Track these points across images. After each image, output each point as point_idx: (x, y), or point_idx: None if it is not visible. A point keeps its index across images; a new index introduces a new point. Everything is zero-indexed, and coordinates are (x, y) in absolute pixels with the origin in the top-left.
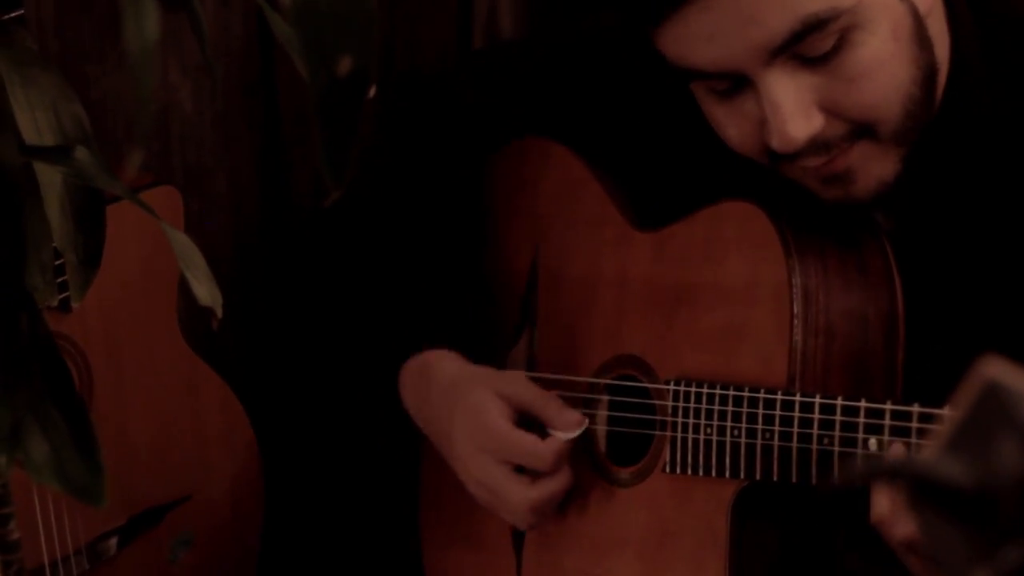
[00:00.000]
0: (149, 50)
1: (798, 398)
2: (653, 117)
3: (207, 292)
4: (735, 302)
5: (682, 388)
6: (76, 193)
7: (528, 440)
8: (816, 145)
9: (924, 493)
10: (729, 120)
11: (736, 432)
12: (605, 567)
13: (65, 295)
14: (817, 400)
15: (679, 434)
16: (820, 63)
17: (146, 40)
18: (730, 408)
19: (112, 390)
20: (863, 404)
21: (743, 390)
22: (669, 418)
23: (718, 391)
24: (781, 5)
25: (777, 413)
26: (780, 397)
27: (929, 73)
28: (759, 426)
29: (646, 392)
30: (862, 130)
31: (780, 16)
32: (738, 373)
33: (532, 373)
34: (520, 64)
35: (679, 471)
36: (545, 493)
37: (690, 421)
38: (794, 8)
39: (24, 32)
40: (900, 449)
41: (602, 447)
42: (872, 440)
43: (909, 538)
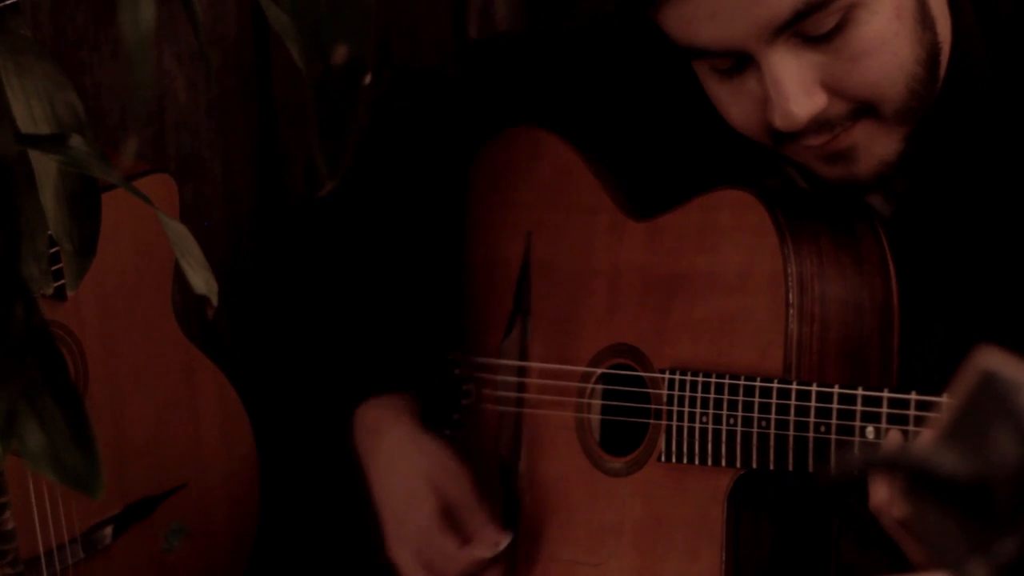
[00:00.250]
0: (144, 39)
1: (794, 386)
2: (647, 106)
3: (202, 281)
4: (730, 290)
5: (677, 377)
6: (71, 181)
7: (446, 545)
8: (819, 124)
9: (920, 484)
10: (732, 99)
11: (732, 421)
12: (600, 557)
13: (60, 283)
14: (814, 388)
15: (674, 423)
16: (823, 41)
17: (141, 29)
18: (725, 397)
19: (107, 379)
20: (860, 392)
21: (738, 379)
22: (664, 407)
23: (713, 380)
24: None
25: (773, 401)
26: (776, 385)
27: (932, 52)
28: (755, 415)
29: (641, 381)
30: (865, 109)
31: None
32: (733, 362)
33: (525, 363)
34: (515, 56)
35: (674, 460)
36: None
37: (685, 410)
38: None
39: (19, 20)
40: (897, 437)
41: (596, 437)
42: (869, 428)
43: (906, 519)
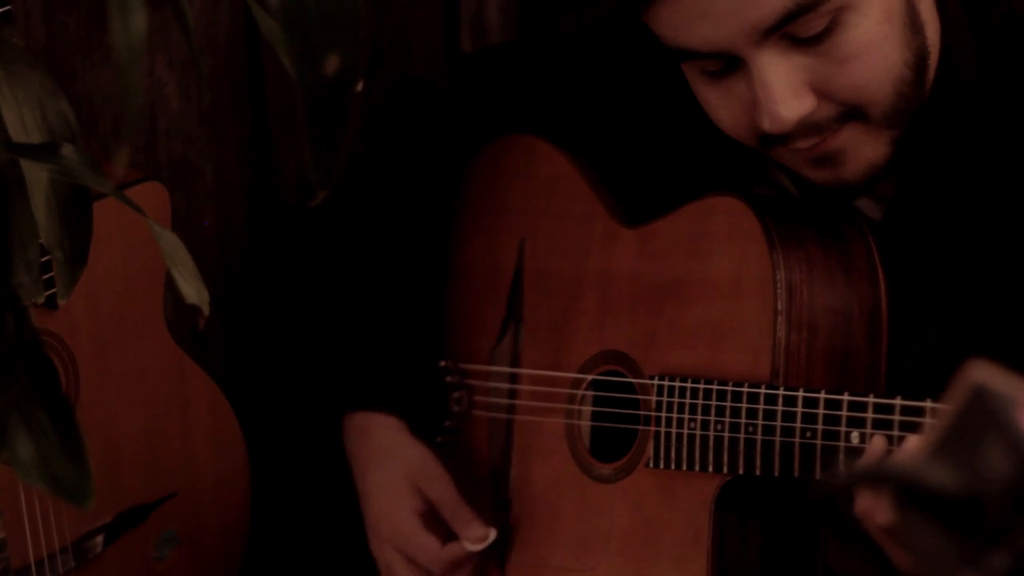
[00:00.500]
0: (136, 48)
1: (781, 392)
2: (638, 114)
3: (194, 290)
4: (719, 297)
5: (666, 383)
6: (63, 190)
7: (427, 543)
8: (806, 127)
9: (912, 497)
10: (721, 102)
11: (719, 426)
12: (588, 563)
13: (52, 292)
14: (800, 394)
15: (663, 429)
16: (812, 44)
17: (133, 38)
18: (714, 403)
19: (99, 387)
20: (846, 397)
21: (726, 385)
22: (653, 413)
23: (702, 386)
24: None
25: (760, 407)
26: (763, 391)
27: (921, 56)
28: (742, 420)
29: (630, 387)
30: (853, 112)
31: None
32: (722, 368)
33: (516, 369)
34: (507, 65)
35: (663, 466)
36: None
37: (674, 416)
38: None
39: (10, 28)
40: (881, 442)
41: (586, 443)
42: (855, 433)
43: (888, 524)
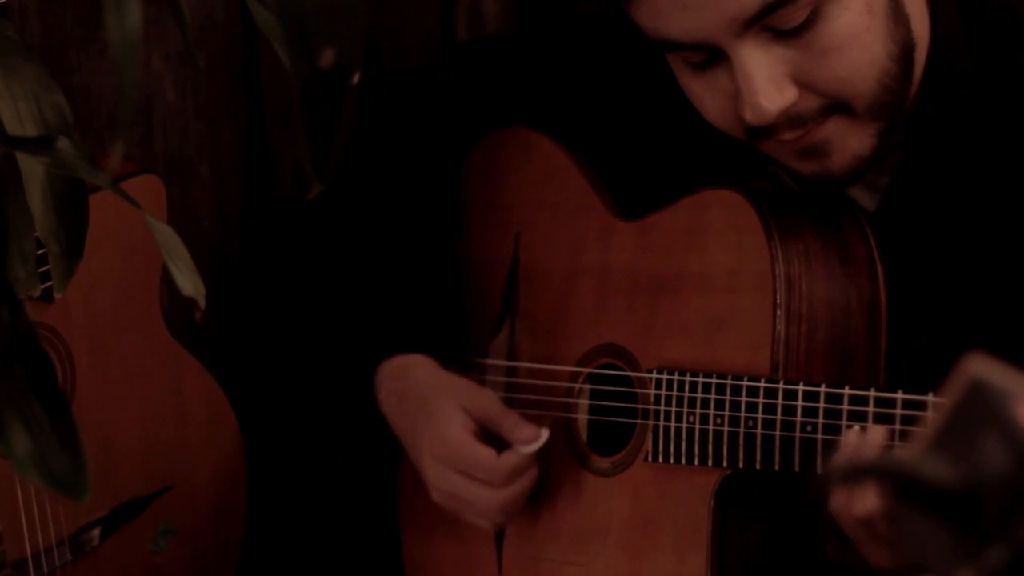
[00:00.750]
0: (132, 43)
1: (781, 386)
2: (636, 106)
3: (190, 283)
4: (718, 290)
5: (664, 376)
6: (58, 183)
7: (484, 454)
8: (790, 118)
9: (909, 492)
10: (706, 94)
11: (719, 420)
12: (587, 557)
13: (48, 285)
14: (800, 388)
15: (661, 423)
16: (793, 36)
17: (128, 32)
18: (712, 396)
19: (95, 380)
20: (847, 391)
21: (726, 378)
22: (651, 407)
23: (700, 379)
24: None
25: (760, 401)
26: (763, 385)
27: (906, 48)
28: (742, 414)
29: (628, 381)
30: (837, 104)
31: None
32: (721, 361)
33: (513, 362)
34: (503, 56)
35: (661, 460)
36: (511, 494)
37: (672, 409)
38: None
39: (5, 22)
40: (854, 435)
41: (584, 436)
42: (855, 427)
43: (866, 516)
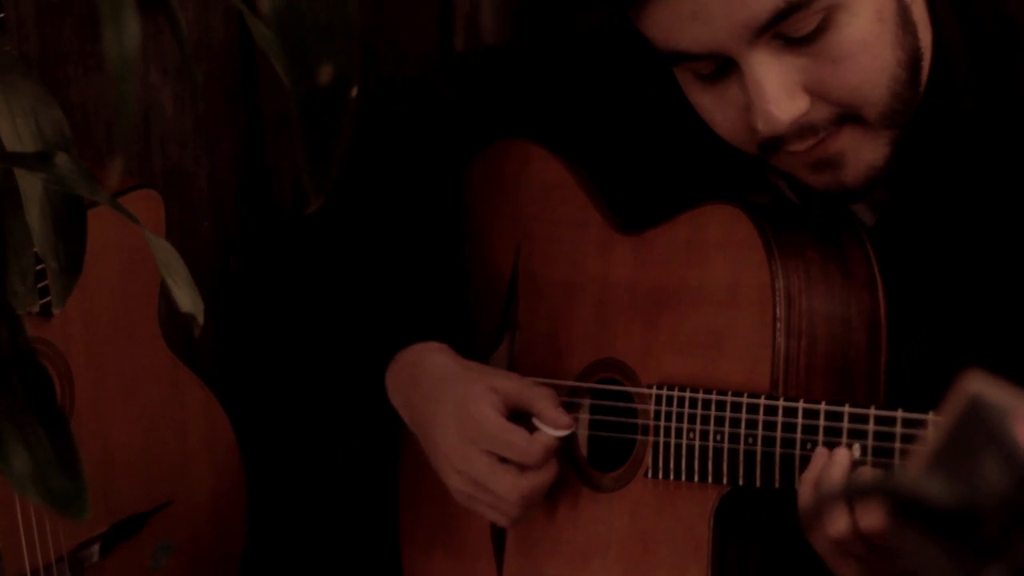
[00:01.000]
0: (129, 56)
1: (781, 403)
2: (635, 120)
3: (188, 299)
4: (717, 305)
5: (664, 392)
6: (57, 199)
7: (518, 434)
8: (801, 128)
9: (907, 511)
10: (716, 107)
11: (719, 437)
12: (587, 573)
13: (46, 301)
14: (800, 405)
15: (661, 439)
16: (804, 44)
17: (126, 46)
18: (712, 413)
19: (94, 396)
20: (847, 409)
21: (726, 395)
22: (651, 422)
23: (700, 395)
24: None
25: (760, 418)
26: (763, 402)
27: (914, 56)
28: (742, 431)
29: (628, 396)
30: (848, 114)
31: None
32: (721, 377)
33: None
34: (502, 67)
35: (661, 476)
36: (536, 482)
37: (672, 426)
38: None
39: (3, 38)
40: (825, 453)
41: (583, 452)
42: (856, 446)
43: (840, 537)
